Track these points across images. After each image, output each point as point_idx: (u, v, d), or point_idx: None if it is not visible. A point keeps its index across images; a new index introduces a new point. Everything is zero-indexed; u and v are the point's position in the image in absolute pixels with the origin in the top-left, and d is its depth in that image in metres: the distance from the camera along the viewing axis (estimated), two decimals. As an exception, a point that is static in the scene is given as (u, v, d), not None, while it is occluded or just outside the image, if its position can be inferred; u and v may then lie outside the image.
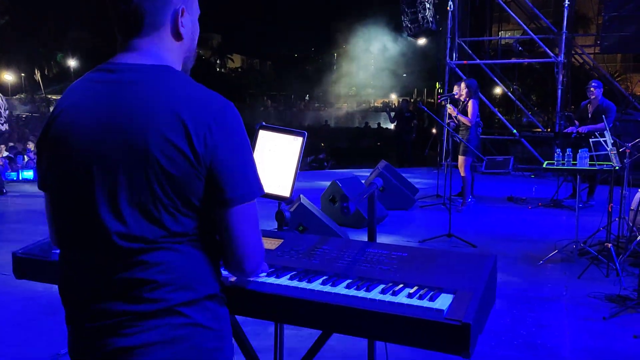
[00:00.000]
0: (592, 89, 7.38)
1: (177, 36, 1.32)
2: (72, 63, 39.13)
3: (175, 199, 1.20)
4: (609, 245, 4.75)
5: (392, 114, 13.12)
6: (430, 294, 1.54)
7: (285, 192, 1.97)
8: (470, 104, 7.10)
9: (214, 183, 1.21)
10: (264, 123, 2.03)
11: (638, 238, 4.98)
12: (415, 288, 1.58)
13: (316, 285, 1.64)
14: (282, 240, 1.96)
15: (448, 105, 7.18)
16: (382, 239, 5.91)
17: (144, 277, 1.22)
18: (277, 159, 1.99)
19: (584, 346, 3.43)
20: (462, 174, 7.25)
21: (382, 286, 1.61)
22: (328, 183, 6.79)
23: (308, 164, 14.24)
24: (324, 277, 1.69)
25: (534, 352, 3.36)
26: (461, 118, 7.13)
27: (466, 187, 7.34)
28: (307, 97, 50.95)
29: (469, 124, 7.10)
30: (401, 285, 1.60)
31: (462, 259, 1.75)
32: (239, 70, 56.93)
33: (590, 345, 3.45)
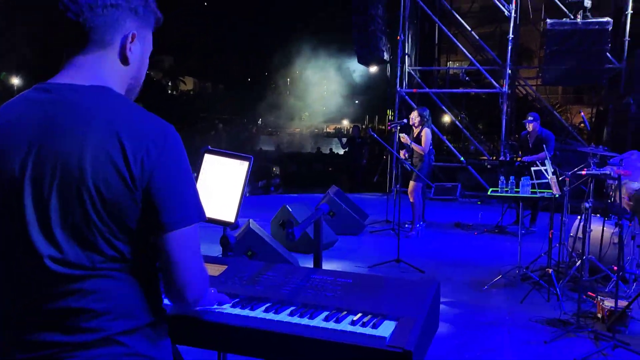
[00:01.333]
0: (528, 122, 7.72)
1: (124, 60, 1.30)
2: (16, 81, 37.81)
3: (110, 223, 1.16)
4: (550, 270, 4.90)
5: (344, 140, 13.28)
6: (373, 321, 1.54)
7: (230, 217, 1.94)
8: (423, 132, 7.24)
9: (150, 207, 1.18)
10: (209, 147, 2.00)
11: (577, 264, 5.16)
12: (359, 315, 1.58)
13: (259, 313, 1.61)
14: (226, 267, 1.92)
15: (402, 135, 7.30)
16: (331, 264, 5.91)
17: (80, 305, 1.17)
18: (222, 184, 1.96)
19: (527, 370, 3.50)
20: (412, 200, 7.36)
21: (325, 313, 1.60)
22: (279, 207, 6.77)
23: (260, 187, 14.16)
24: (268, 304, 1.66)
25: (478, 377, 3.40)
26: (415, 147, 7.25)
27: (416, 212, 7.45)
28: (259, 121, 50.92)
29: (423, 153, 7.23)
30: (345, 312, 1.60)
31: (406, 285, 1.76)
32: (191, 92, 56.37)
33: (533, 369, 3.52)
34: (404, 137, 7.25)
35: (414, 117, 7.40)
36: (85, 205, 1.14)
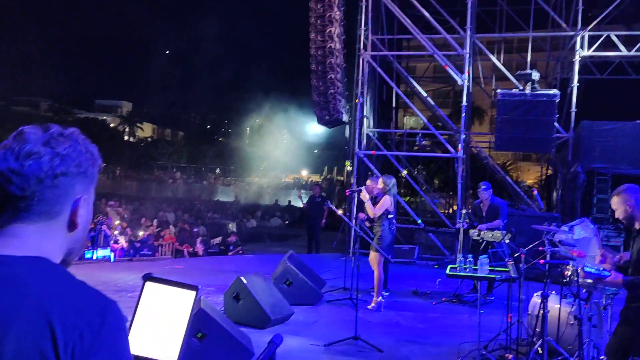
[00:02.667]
0: (482, 191, 7.85)
1: (72, 226, 1.16)
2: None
3: None
4: (510, 356, 4.81)
5: (305, 199, 13.13)
6: None
7: (171, 356, 1.74)
8: (383, 197, 7.16)
9: None
10: (151, 274, 1.82)
11: (536, 346, 5.10)
12: None
13: None
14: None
15: (364, 193, 7.19)
16: (286, 341, 5.64)
17: None
18: (163, 317, 1.77)
19: None
20: (375, 270, 7.19)
21: None
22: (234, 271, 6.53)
23: (215, 245, 13.79)
24: None
25: None
26: (367, 206, 7.15)
27: (379, 284, 7.28)
28: (217, 170, 50.53)
29: (373, 214, 7.13)
30: None
31: None
32: (149, 139, 55.70)
33: None
34: (364, 195, 7.14)
35: (379, 183, 7.34)
36: None
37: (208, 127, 58.23)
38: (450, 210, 17.17)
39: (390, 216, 7.20)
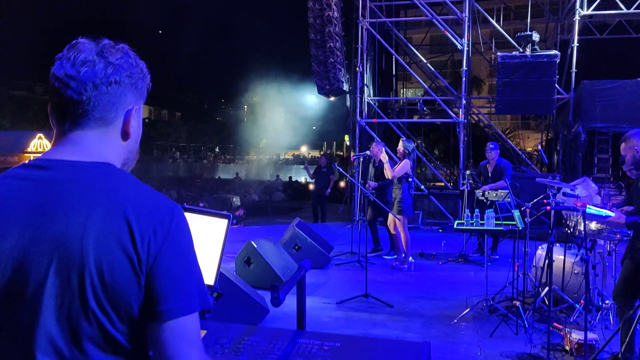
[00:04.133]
0: (490, 150, 7.94)
1: (125, 135, 1.24)
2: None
3: (111, 312, 1.07)
4: (517, 303, 4.95)
5: (311, 170, 13.21)
6: (367, 391, 1.48)
7: (209, 279, 1.85)
8: (404, 161, 7.33)
9: (150, 293, 1.09)
10: (186, 205, 1.91)
11: (542, 294, 5.24)
12: (352, 385, 1.51)
13: (246, 388, 1.52)
14: (205, 332, 1.83)
15: (383, 154, 7.39)
16: (299, 301, 5.80)
17: None
18: (199, 243, 1.87)
19: (503, 410, 3.48)
20: (392, 231, 7.44)
21: (317, 385, 1.52)
22: (242, 241, 6.65)
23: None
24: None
25: (456, 419, 3.36)
26: (387, 167, 7.32)
27: (407, 244, 7.44)
28: (217, 149, 50.54)
29: (390, 175, 7.30)
30: (337, 382, 1.53)
31: (397, 347, 1.71)
32: (147, 121, 55.55)
33: (508, 408, 3.50)
34: (384, 157, 7.36)
35: (400, 147, 7.47)
36: (85, 291, 1.05)
37: (205, 106, 57.98)
38: (451, 182, 17.29)
39: (410, 179, 7.35)
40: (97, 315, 1.07)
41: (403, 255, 7.51)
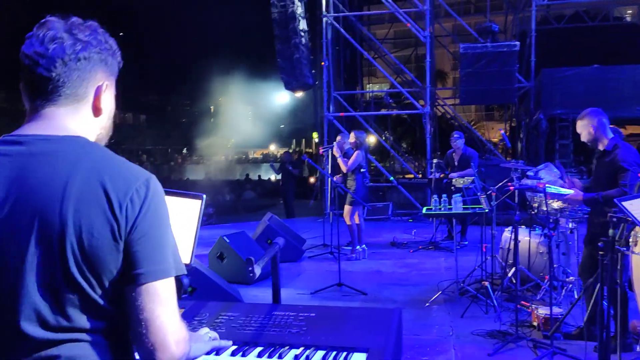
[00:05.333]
0: (455, 139, 8.10)
1: (97, 111, 1.27)
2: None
3: (91, 278, 1.11)
4: (486, 283, 5.10)
5: (276, 165, 13.29)
6: (343, 355, 1.53)
7: (185, 258, 1.87)
8: (355, 153, 7.38)
9: (127, 257, 1.13)
10: (159, 187, 1.93)
11: (509, 274, 5.40)
12: (328, 350, 1.57)
13: (226, 358, 1.55)
14: (183, 310, 1.85)
15: (335, 147, 7.39)
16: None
17: None
18: (174, 224, 1.89)
19: (475, 384, 3.59)
20: (349, 222, 7.44)
21: (294, 351, 1.57)
22: (214, 239, 6.65)
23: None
24: (233, 347, 1.61)
25: (431, 395, 3.45)
26: (340, 161, 7.37)
27: (354, 235, 7.53)
28: (184, 150, 49.91)
29: (345, 169, 7.35)
30: (313, 349, 1.58)
31: (370, 314, 1.77)
32: (111, 124, 54.40)
33: (480, 382, 3.62)
34: (336, 151, 7.35)
35: (351, 138, 7.52)
36: (66, 258, 1.08)
37: (170, 108, 57.11)
38: (420, 174, 17.55)
39: (362, 170, 7.41)
40: (79, 281, 1.10)
41: (359, 247, 7.58)
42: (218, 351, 1.57)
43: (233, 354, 1.55)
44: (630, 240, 3.27)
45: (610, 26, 13.58)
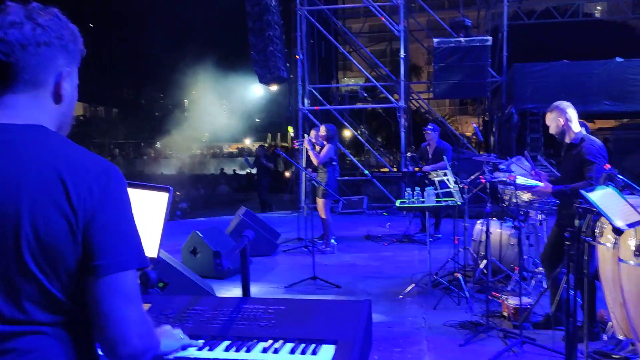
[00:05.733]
0: (428, 131, 8.17)
1: (58, 98, 1.22)
2: None
3: (48, 270, 1.07)
4: (458, 275, 5.16)
5: (251, 159, 13.23)
6: (312, 347, 1.52)
7: (152, 252, 1.84)
8: (326, 146, 7.37)
9: (86, 249, 1.10)
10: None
11: (481, 266, 5.48)
12: (296, 342, 1.56)
13: (192, 352, 1.53)
14: (150, 305, 1.82)
15: (306, 142, 7.36)
16: (247, 287, 5.79)
17: None
18: (142, 218, 1.86)
19: (447, 374, 3.63)
20: (323, 216, 7.44)
21: (262, 344, 1.56)
22: (187, 234, 6.58)
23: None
24: (200, 341, 1.59)
25: (403, 386, 3.48)
26: (311, 155, 7.34)
27: (328, 228, 7.54)
28: (157, 144, 49.27)
29: (316, 162, 7.34)
30: (282, 341, 1.57)
31: (339, 306, 1.77)
32: (82, 118, 53.38)
33: (452, 372, 3.66)
34: (307, 143, 7.32)
35: (322, 131, 7.51)
36: (21, 251, 1.05)
37: (143, 102, 56.25)
38: (395, 168, 17.67)
39: (334, 163, 7.41)
40: (35, 273, 1.07)
41: (332, 238, 7.61)
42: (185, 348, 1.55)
43: (200, 348, 1.53)
44: (596, 230, 3.34)
45: (580, 22, 13.84)
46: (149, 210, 1.88)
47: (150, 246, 1.84)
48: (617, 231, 2.37)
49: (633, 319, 3.07)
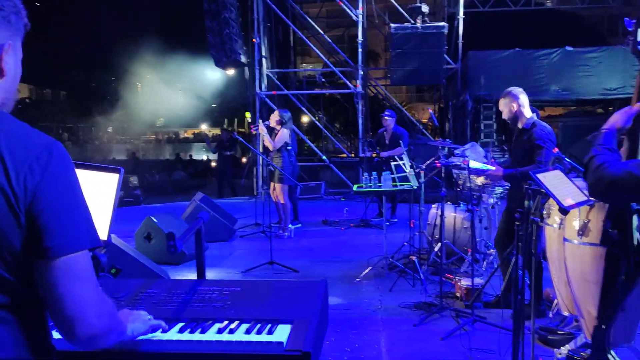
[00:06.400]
0: (386, 118, 8.25)
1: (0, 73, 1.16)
2: None
3: None
4: (414, 258, 5.26)
5: (214, 144, 13.03)
6: (267, 327, 1.52)
7: (101, 234, 1.79)
8: (280, 131, 7.34)
9: (33, 231, 1.05)
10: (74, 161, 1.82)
11: (435, 249, 5.60)
12: (252, 322, 1.55)
13: (146, 335, 1.50)
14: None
15: (261, 126, 7.29)
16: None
17: None
18: (91, 200, 1.80)
19: (401, 353, 3.71)
20: (282, 201, 7.42)
21: (217, 325, 1.54)
22: (141, 220, 6.45)
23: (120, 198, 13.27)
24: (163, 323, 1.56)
25: (359, 366, 3.54)
26: (266, 139, 7.28)
27: (286, 213, 7.53)
28: (109, 129, 47.88)
29: (271, 147, 7.30)
30: (237, 322, 1.56)
31: (295, 287, 1.77)
32: (27, 101, 51.18)
33: (406, 351, 3.74)
34: (262, 128, 7.25)
35: (274, 117, 7.48)
36: None
37: (94, 85, 54.38)
38: (352, 154, 17.77)
39: (289, 148, 7.39)
40: None
41: (290, 223, 7.62)
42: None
43: (153, 330, 1.50)
44: (544, 212, 3.46)
45: (532, 11, 14.18)
46: (98, 192, 1.82)
47: (101, 229, 1.78)
48: (563, 211, 2.45)
49: (576, 296, 3.21)
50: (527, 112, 4.23)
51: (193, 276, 2.03)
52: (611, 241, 1.88)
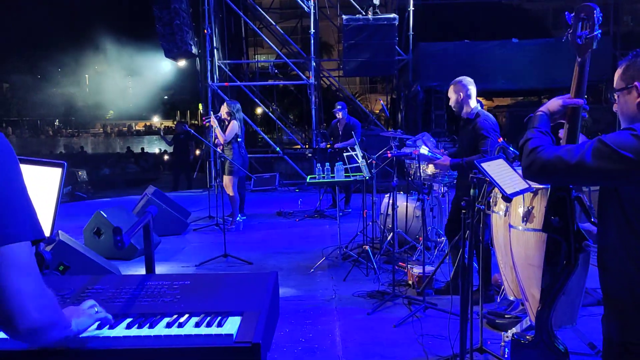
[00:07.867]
0: (338, 112, 8.30)
1: None
2: None
3: None
4: (367, 247, 5.33)
5: (169, 137, 12.81)
6: (217, 320, 1.52)
7: (45, 230, 1.74)
8: (231, 123, 7.28)
9: None
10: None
11: (388, 238, 5.69)
12: (202, 316, 1.54)
13: (91, 332, 1.47)
14: (45, 286, 1.73)
15: (212, 119, 7.22)
16: (157, 267, 5.64)
17: None
18: (33, 195, 1.74)
19: (356, 342, 3.77)
20: (230, 193, 7.38)
21: (166, 320, 1.53)
22: (91, 215, 6.28)
23: (65, 195, 12.87)
24: (99, 322, 1.53)
25: (312, 356, 3.58)
26: (217, 132, 7.22)
27: (235, 205, 7.49)
28: (56, 123, 46.21)
29: (222, 140, 7.24)
30: (187, 315, 1.55)
31: (245, 279, 1.77)
32: (-33, 93, 48.73)
33: (360, 340, 3.80)
34: (214, 121, 7.19)
35: (224, 108, 7.42)
36: None
37: (39, 77, 52.24)
38: (306, 145, 17.79)
39: (239, 139, 7.35)
40: None
41: (239, 217, 7.60)
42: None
43: (100, 327, 1.48)
44: (491, 200, 3.57)
45: (480, 3, 14.53)
46: (41, 187, 1.77)
47: (44, 224, 1.73)
48: (507, 199, 2.55)
49: (522, 280, 3.34)
50: (473, 102, 4.34)
51: (144, 271, 2.00)
52: (552, 227, 1.97)
